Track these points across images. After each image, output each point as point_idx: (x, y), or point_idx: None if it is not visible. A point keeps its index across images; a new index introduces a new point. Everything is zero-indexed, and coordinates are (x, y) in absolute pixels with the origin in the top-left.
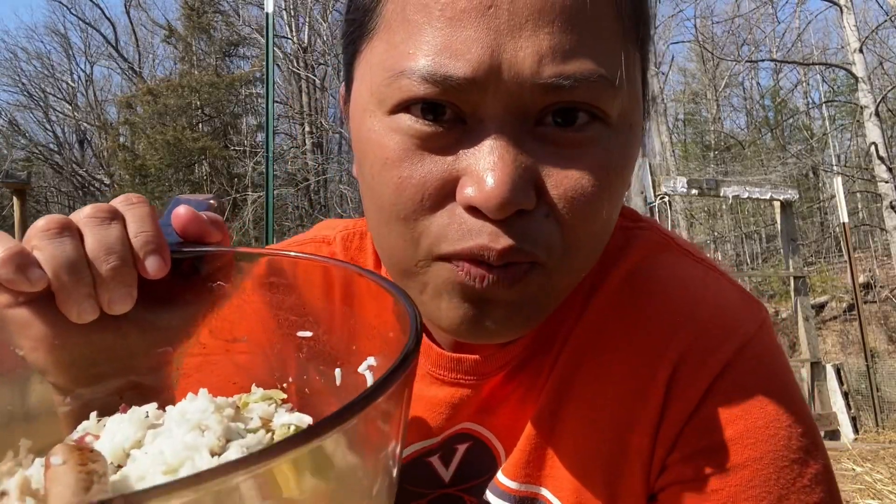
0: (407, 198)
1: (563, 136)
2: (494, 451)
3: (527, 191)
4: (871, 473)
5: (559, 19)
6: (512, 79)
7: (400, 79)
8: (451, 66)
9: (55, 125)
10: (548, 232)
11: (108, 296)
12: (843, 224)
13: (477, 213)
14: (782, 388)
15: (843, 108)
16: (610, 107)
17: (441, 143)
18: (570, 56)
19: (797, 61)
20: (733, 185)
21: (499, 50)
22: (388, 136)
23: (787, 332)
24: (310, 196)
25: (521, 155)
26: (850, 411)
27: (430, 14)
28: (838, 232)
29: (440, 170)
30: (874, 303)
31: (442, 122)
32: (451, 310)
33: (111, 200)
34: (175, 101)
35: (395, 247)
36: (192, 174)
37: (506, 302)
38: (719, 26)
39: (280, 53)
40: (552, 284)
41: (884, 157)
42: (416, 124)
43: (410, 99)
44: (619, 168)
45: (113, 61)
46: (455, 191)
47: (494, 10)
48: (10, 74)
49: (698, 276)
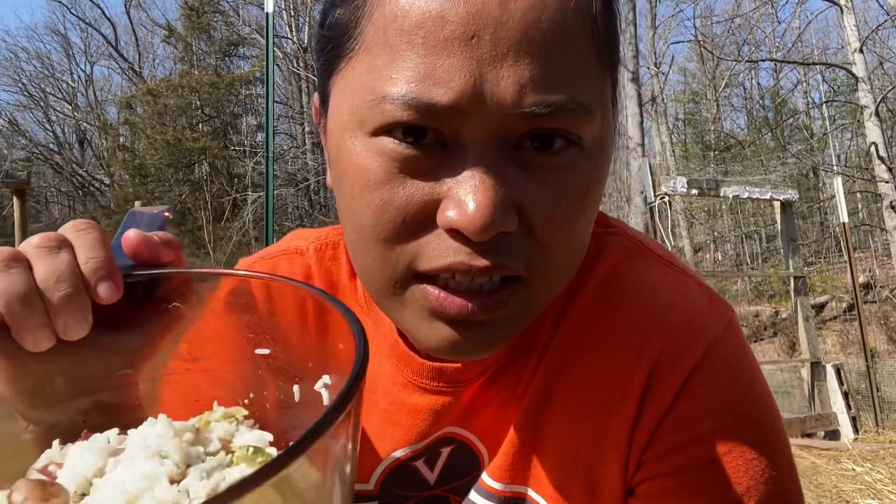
0: (388, 220)
1: (542, 160)
2: (478, 453)
3: (508, 213)
4: (871, 473)
5: (539, 51)
6: (494, 106)
7: (382, 103)
8: (434, 93)
9: (55, 125)
10: (528, 249)
11: (63, 323)
12: (843, 224)
13: (458, 236)
14: (749, 385)
15: (843, 108)
16: (585, 132)
17: (422, 167)
18: (549, 85)
19: (797, 61)
20: (733, 185)
21: (481, 79)
22: (369, 158)
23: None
24: (310, 196)
25: (502, 179)
26: (850, 411)
27: (413, 41)
28: (838, 232)
29: (421, 193)
30: (874, 303)
31: (423, 145)
32: (431, 333)
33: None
34: (175, 101)
35: (373, 267)
36: (191, 174)
37: (486, 323)
38: (719, 26)
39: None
40: (533, 299)
41: (884, 157)
42: (398, 147)
43: (392, 123)
44: (594, 189)
45: (113, 61)
46: (436, 214)
47: (477, 40)
48: (11, 74)
49: (668, 281)
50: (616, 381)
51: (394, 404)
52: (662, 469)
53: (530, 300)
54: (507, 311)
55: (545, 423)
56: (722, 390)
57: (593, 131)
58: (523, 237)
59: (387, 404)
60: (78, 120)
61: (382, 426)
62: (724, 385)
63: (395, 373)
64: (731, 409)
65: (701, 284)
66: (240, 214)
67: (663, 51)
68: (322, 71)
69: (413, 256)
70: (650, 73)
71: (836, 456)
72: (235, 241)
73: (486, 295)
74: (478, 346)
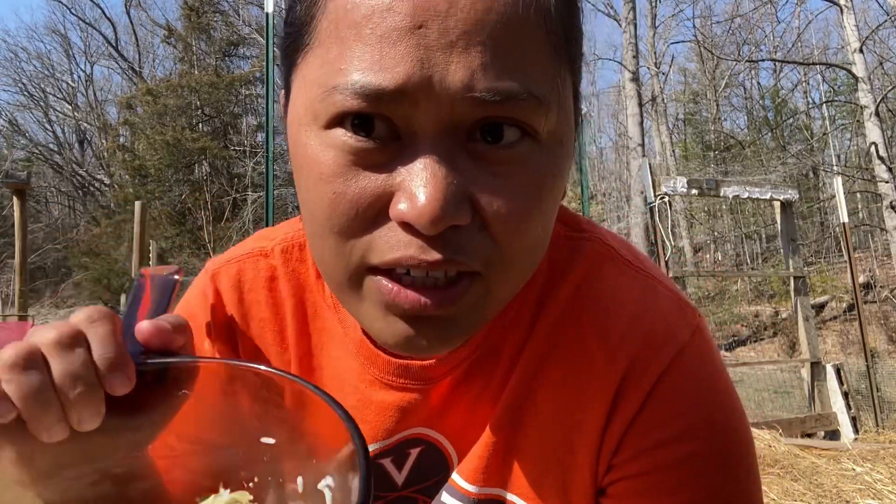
0: (341, 213)
1: (495, 153)
2: (446, 454)
3: (460, 206)
4: (871, 473)
5: (489, 39)
6: (443, 91)
7: (333, 94)
8: (382, 78)
9: (55, 125)
10: (482, 244)
11: (78, 417)
12: (843, 224)
13: (409, 229)
14: (715, 388)
15: (843, 108)
16: (539, 124)
17: (375, 160)
18: (500, 73)
19: (797, 61)
20: (733, 185)
21: (429, 64)
22: (322, 152)
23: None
24: None
25: (454, 171)
26: (850, 411)
27: (361, 32)
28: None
29: (374, 186)
30: (874, 303)
31: (375, 137)
32: (385, 328)
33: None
34: (175, 101)
35: (329, 260)
36: (191, 174)
37: (441, 318)
38: (719, 26)
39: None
40: (491, 295)
41: (884, 157)
42: (350, 140)
43: (343, 113)
44: (550, 184)
45: (113, 61)
46: (388, 207)
47: (424, 29)
48: (11, 74)
49: (638, 287)
50: (588, 386)
51: (361, 401)
52: (631, 471)
53: (487, 296)
54: (462, 306)
55: (520, 426)
56: (688, 395)
57: (549, 124)
58: (477, 232)
59: (354, 401)
60: (78, 120)
61: None
62: (690, 389)
63: (362, 370)
64: (696, 412)
65: (670, 289)
66: (240, 214)
67: (663, 51)
68: (284, 67)
69: (366, 249)
70: (650, 73)
71: (836, 456)
72: (235, 241)
73: (441, 289)
74: (433, 341)
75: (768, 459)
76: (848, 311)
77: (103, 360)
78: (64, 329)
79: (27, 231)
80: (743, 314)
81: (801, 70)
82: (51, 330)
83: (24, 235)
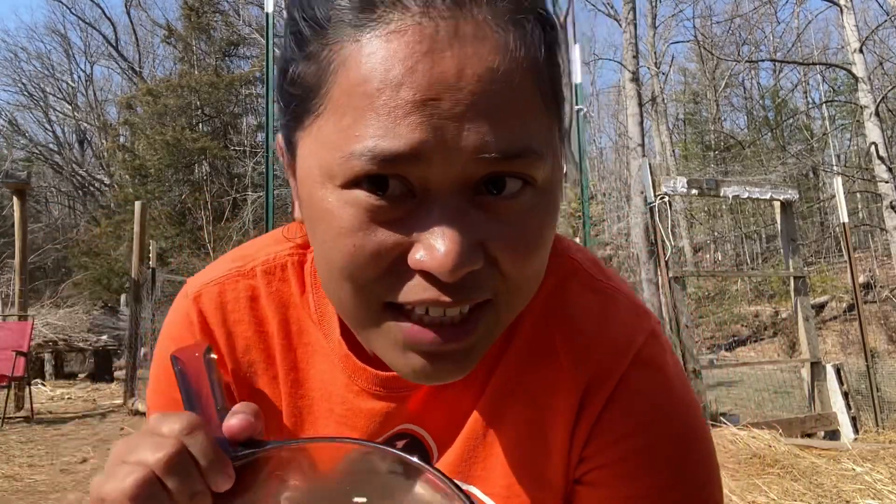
0: (361, 263)
1: (500, 203)
2: (427, 447)
3: (474, 255)
4: (871, 473)
5: (494, 104)
6: (456, 155)
7: (350, 159)
8: (398, 144)
9: (55, 125)
10: (493, 279)
11: None
12: (843, 224)
13: (429, 277)
14: (668, 385)
15: (843, 108)
16: (538, 174)
17: (392, 216)
18: (505, 135)
19: (797, 61)
20: (733, 185)
21: (442, 132)
22: (341, 208)
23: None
24: None
25: (467, 223)
26: (850, 411)
27: (374, 103)
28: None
29: (393, 240)
30: (874, 303)
31: (392, 196)
32: (406, 363)
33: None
34: (175, 101)
35: (348, 301)
36: (191, 174)
37: (457, 351)
38: (719, 26)
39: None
40: (499, 321)
41: (884, 157)
42: (369, 199)
43: (361, 176)
44: (550, 222)
45: (113, 61)
46: (406, 256)
47: (435, 103)
48: (10, 74)
49: (600, 300)
50: (559, 391)
51: (350, 410)
52: (600, 461)
53: (497, 321)
54: (475, 336)
55: (498, 428)
56: (644, 393)
57: (545, 172)
58: (488, 269)
59: (343, 411)
60: (78, 120)
61: (340, 430)
62: (646, 388)
63: (349, 382)
64: (652, 407)
65: (629, 298)
66: (240, 214)
67: (663, 51)
68: (288, 121)
69: (386, 291)
70: (650, 73)
71: (836, 456)
72: (235, 241)
73: (458, 326)
74: (450, 373)
75: (768, 459)
76: (848, 311)
77: (209, 468)
78: (170, 449)
79: (27, 231)
80: (743, 314)
81: (801, 70)
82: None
83: (24, 235)
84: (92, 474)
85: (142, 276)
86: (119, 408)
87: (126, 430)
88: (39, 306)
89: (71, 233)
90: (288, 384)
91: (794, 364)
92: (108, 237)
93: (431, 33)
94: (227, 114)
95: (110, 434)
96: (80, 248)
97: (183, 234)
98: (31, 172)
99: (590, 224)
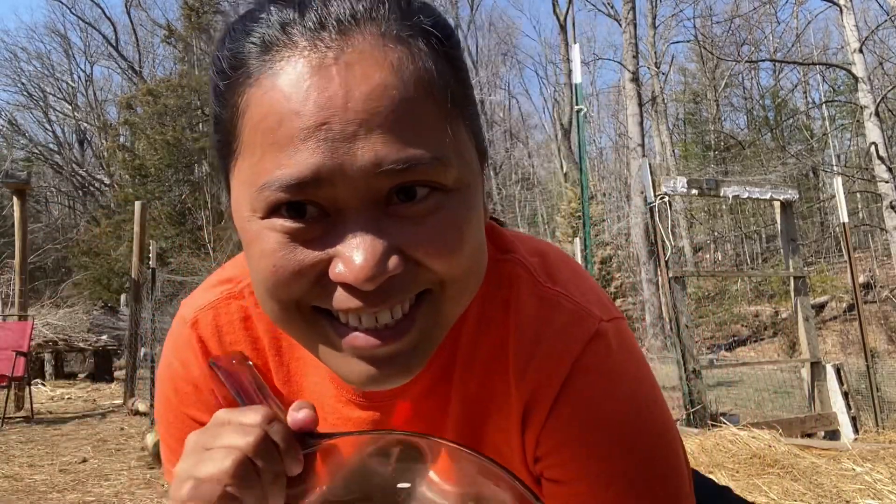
0: (283, 282)
1: (411, 209)
2: None
3: (390, 261)
4: (871, 473)
5: (386, 121)
6: (355, 173)
7: (263, 191)
8: (299, 171)
9: (55, 125)
10: (421, 276)
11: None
12: (843, 224)
13: (350, 288)
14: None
15: (843, 108)
16: (445, 178)
17: (310, 236)
18: (400, 148)
19: (797, 61)
20: (733, 185)
21: (338, 153)
22: (264, 235)
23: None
24: None
25: (380, 233)
26: (850, 411)
27: (276, 136)
28: (838, 232)
29: (312, 257)
30: (874, 303)
31: (307, 219)
32: (350, 371)
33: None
34: (175, 101)
35: (279, 316)
36: (191, 174)
37: (400, 353)
38: (719, 26)
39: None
40: (441, 313)
41: (884, 157)
42: (285, 224)
43: (275, 204)
44: (465, 219)
45: (113, 61)
46: (327, 271)
47: (327, 126)
48: (10, 74)
49: (544, 307)
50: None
51: (340, 419)
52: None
53: (439, 313)
54: (415, 333)
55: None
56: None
57: (452, 175)
58: (413, 270)
59: (334, 420)
60: (78, 120)
61: None
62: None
63: (337, 393)
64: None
65: (573, 301)
66: None
67: (663, 51)
68: (221, 168)
69: (312, 300)
70: (650, 73)
71: (836, 456)
72: (235, 241)
73: (393, 327)
74: (394, 376)
75: (768, 459)
76: (848, 311)
77: (286, 453)
78: (257, 435)
79: (27, 231)
80: (743, 314)
81: (801, 70)
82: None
83: (24, 235)
84: (92, 474)
85: (142, 276)
86: (119, 408)
87: (126, 431)
88: (39, 306)
89: (71, 233)
90: (283, 396)
91: (794, 364)
92: (108, 237)
93: (319, 62)
94: None
95: (110, 434)
96: (80, 248)
97: (183, 234)
98: (31, 172)
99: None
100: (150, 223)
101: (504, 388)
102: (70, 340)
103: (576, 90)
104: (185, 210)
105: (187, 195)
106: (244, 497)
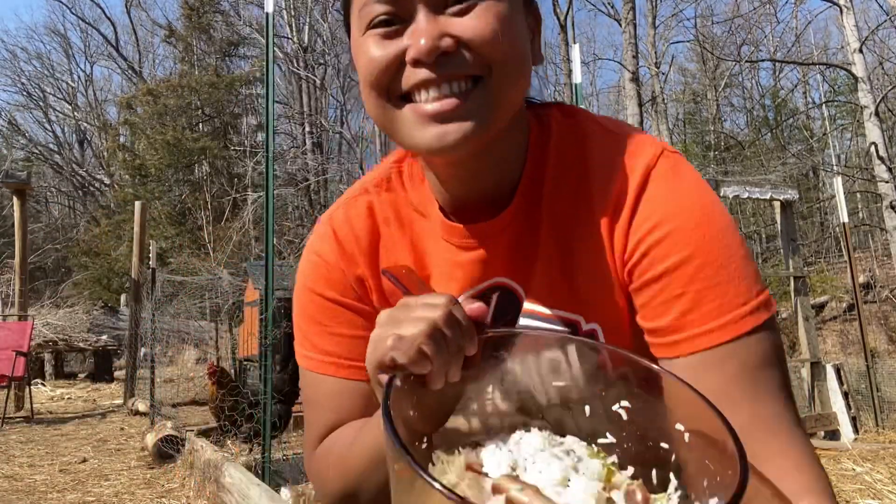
0: (378, 70)
1: (464, 8)
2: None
3: (443, 40)
4: (871, 473)
5: None
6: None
7: (363, 10)
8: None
9: (55, 125)
10: (471, 59)
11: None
12: (843, 224)
13: (419, 64)
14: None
15: (843, 108)
16: None
17: (393, 36)
18: None
19: (797, 61)
20: (733, 185)
21: None
22: (366, 42)
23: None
24: (310, 196)
25: (436, 23)
26: (850, 411)
27: None
28: (838, 232)
29: (395, 47)
30: (874, 303)
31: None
32: (423, 136)
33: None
34: (175, 101)
35: (374, 104)
36: (191, 174)
37: (459, 115)
38: (719, 26)
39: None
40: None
41: (884, 157)
42: (377, 30)
43: (370, 17)
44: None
45: (113, 61)
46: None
47: None
48: (10, 74)
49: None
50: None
51: (451, 265)
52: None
53: (491, 93)
54: (473, 101)
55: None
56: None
57: None
58: (464, 51)
59: (447, 268)
60: (78, 120)
61: (446, 283)
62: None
63: (448, 245)
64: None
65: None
66: (240, 214)
67: (663, 51)
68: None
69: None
70: (650, 73)
71: (836, 456)
72: (235, 241)
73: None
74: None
75: None
76: (848, 311)
77: (467, 330)
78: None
79: (27, 231)
80: None
81: (801, 70)
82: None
83: (24, 235)
84: (92, 474)
85: (142, 276)
86: (119, 408)
87: (126, 431)
88: (39, 306)
89: (71, 233)
90: (411, 262)
91: (794, 364)
92: (108, 237)
93: None
94: (227, 114)
95: (110, 434)
96: (80, 248)
97: (183, 234)
98: (31, 172)
99: None
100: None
101: (588, 210)
102: (70, 340)
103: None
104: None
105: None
106: (434, 358)
